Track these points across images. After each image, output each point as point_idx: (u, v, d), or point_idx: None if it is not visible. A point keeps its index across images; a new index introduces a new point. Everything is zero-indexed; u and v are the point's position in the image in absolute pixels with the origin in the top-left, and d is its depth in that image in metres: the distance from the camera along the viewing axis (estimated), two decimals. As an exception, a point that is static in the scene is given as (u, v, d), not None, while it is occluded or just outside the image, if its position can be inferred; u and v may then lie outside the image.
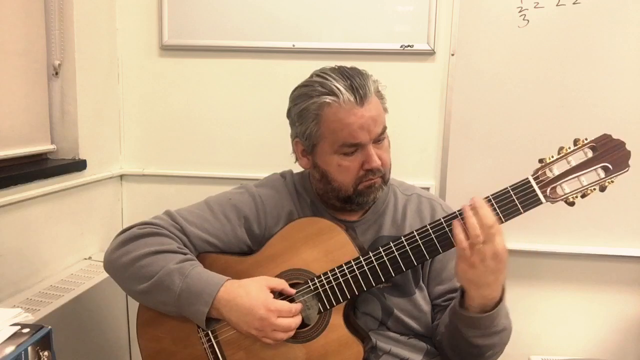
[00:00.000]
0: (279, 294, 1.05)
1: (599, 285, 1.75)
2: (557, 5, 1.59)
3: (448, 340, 1.07)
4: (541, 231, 1.68)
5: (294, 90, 1.12)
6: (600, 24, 1.58)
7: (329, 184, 1.10)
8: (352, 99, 1.02)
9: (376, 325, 1.11)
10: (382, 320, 1.11)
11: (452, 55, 1.66)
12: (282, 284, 1.04)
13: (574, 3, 1.58)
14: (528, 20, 1.61)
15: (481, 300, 0.96)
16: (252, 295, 1.01)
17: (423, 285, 1.13)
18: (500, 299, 0.98)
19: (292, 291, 1.05)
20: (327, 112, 1.04)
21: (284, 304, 1.01)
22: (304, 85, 1.10)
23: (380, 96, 1.08)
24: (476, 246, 0.91)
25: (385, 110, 1.09)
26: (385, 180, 1.11)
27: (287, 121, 1.16)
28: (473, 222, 0.92)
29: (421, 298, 1.12)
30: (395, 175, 1.25)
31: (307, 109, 1.06)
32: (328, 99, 1.03)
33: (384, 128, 1.07)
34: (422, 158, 1.74)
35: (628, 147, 0.95)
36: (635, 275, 1.73)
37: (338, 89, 1.02)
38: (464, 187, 1.70)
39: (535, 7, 1.60)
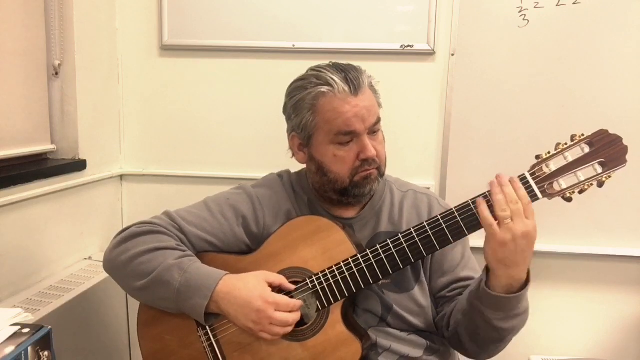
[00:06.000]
0: (278, 290, 1.05)
1: (599, 285, 1.75)
2: (557, 5, 1.59)
3: (466, 327, 1.05)
4: (541, 231, 1.62)
5: (289, 86, 1.14)
6: (600, 24, 1.58)
7: (325, 175, 1.10)
8: (346, 89, 1.04)
9: (376, 322, 1.11)
10: (382, 316, 1.11)
11: (452, 55, 1.66)
12: (281, 279, 1.05)
13: (574, 3, 1.58)
14: (528, 20, 1.61)
15: (508, 281, 0.95)
16: (250, 287, 1.01)
17: (424, 279, 1.13)
18: (527, 281, 0.97)
19: (291, 286, 1.05)
20: (322, 102, 1.06)
21: (282, 298, 1.01)
22: (299, 79, 1.12)
23: (373, 90, 1.10)
24: (504, 221, 0.92)
25: (380, 105, 1.11)
26: (381, 172, 1.12)
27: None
28: (500, 199, 0.93)
29: (420, 293, 1.12)
30: (395, 175, 1.25)
31: (302, 100, 1.08)
32: (323, 88, 1.05)
33: (378, 119, 1.09)
34: (422, 158, 1.74)
35: (627, 146, 0.95)
36: (635, 275, 1.73)
37: (333, 79, 1.05)
38: (464, 187, 1.69)
39: (535, 7, 1.60)
